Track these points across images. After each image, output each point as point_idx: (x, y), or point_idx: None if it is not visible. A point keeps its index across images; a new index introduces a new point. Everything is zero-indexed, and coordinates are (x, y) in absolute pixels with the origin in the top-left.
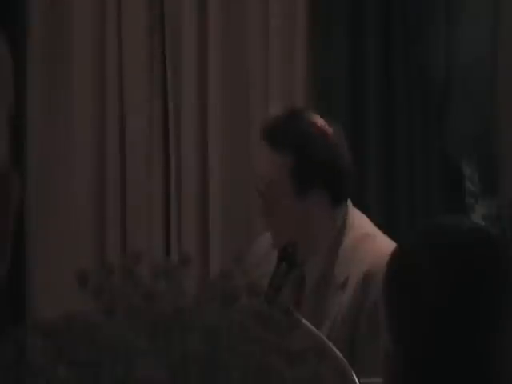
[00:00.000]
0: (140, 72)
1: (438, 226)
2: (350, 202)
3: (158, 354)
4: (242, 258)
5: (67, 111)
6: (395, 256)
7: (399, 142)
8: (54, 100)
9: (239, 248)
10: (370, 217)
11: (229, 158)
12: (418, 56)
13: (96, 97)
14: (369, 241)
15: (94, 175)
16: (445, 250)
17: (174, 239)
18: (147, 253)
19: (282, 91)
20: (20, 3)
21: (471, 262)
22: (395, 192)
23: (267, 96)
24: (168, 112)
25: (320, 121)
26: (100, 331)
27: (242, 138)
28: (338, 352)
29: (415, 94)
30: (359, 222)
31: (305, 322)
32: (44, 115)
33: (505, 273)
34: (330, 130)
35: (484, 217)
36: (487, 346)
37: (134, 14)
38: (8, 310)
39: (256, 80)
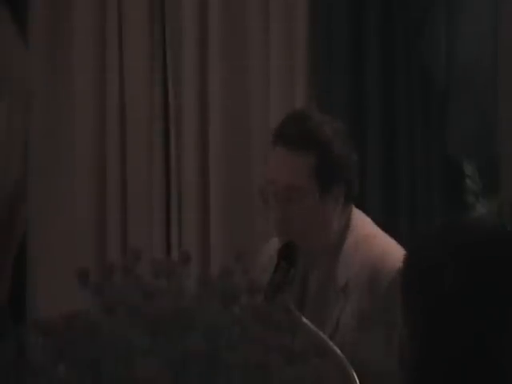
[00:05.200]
0: (141, 63)
1: (459, 225)
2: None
3: (159, 353)
4: (242, 256)
5: (67, 108)
6: (414, 254)
7: (400, 142)
8: (55, 95)
9: (240, 246)
10: (369, 217)
11: (229, 156)
12: (419, 56)
13: (96, 95)
14: (369, 242)
15: (94, 174)
16: (469, 249)
17: (174, 238)
18: (148, 251)
19: (282, 88)
20: (20, 1)
21: (496, 260)
22: (396, 192)
23: (268, 92)
24: (169, 105)
25: (329, 118)
26: (100, 330)
27: (243, 134)
28: (338, 350)
29: (416, 93)
30: (362, 223)
31: (305, 320)
32: (44, 113)
33: None
34: (340, 126)
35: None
36: (506, 346)
37: (135, 4)
38: (8, 310)
39: (257, 75)
